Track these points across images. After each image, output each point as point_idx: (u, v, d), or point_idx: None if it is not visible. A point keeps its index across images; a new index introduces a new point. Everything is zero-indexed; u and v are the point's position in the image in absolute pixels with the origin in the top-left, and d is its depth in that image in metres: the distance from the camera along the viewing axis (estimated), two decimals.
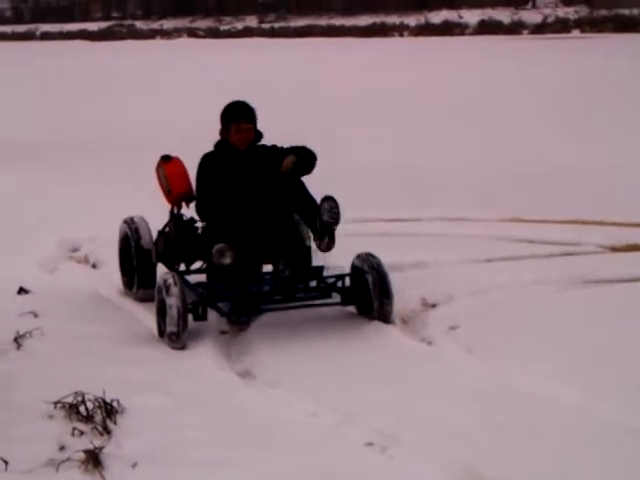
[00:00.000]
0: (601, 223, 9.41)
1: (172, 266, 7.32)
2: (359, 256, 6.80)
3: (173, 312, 6.17)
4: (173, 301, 6.19)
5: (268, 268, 6.86)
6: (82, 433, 4.84)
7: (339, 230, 9.02)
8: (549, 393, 5.33)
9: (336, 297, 6.72)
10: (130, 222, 7.52)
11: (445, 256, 8.26)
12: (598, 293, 7.35)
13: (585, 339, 6.19)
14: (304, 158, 6.83)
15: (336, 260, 6.96)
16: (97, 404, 5.04)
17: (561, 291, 7.39)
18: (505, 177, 11.98)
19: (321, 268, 6.60)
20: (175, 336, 6.17)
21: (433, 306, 7.08)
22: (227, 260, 6.47)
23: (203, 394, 5.41)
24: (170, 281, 6.31)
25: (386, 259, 6.78)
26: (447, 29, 56.58)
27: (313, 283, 6.62)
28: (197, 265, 7.38)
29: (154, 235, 7.45)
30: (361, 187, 11.36)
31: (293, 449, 4.70)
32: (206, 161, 6.93)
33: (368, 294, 6.59)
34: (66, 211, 10.34)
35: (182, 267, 7.33)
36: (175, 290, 6.23)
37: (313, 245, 6.70)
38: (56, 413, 5.05)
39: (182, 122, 18.07)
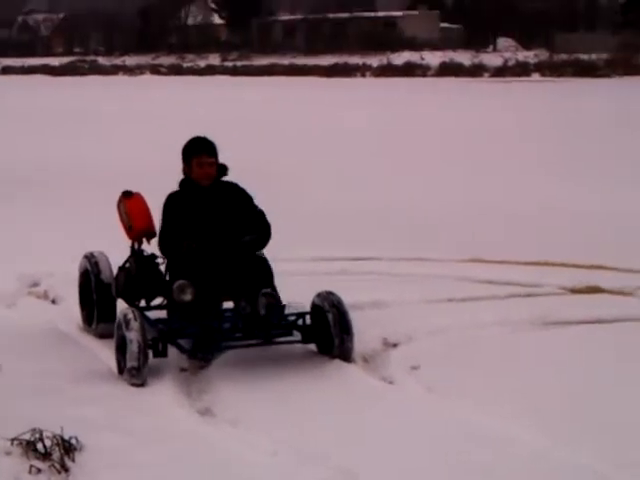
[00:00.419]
0: (562, 265, 9.46)
1: (132, 302, 7.27)
2: (319, 294, 6.78)
3: (134, 347, 6.12)
4: (133, 335, 6.14)
5: (229, 305, 6.84)
6: (39, 471, 4.78)
7: (301, 268, 9.07)
8: (506, 435, 5.32)
9: (297, 335, 6.70)
10: (90, 257, 7.48)
11: (405, 296, 8.26)
12: (558, 334, 7.37)
13: (544, 381, 6.21)
14: (260, 238, 6.85)
15: (297, 298, 6.96)
16: (55, 441, 4.97)
17: (521, 332, 7.40)
18: (468, 217, 12.05)
19: (282, 307, 6.58)
20: (136, 371, 6.12)
21: (394, 345, 7.07)
22: (187, 296, 6.45)
23: (163, 432, 5.36)
24: (130, 316, 6.27)
25: (346, 298, 6.77)
26: (409, 70, 57.07)
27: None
28: (157, 301, 7.35)
29: (114, 270, 7.41)
30: (322, 225, 11.40)
31: None
32: (171, 200, 6.92)
33: (329, 331, 6.57)
34: (25, 246, 10.28)
35: (142, 303, 7.30)
36: (135, 325, 6.19)
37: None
38: (13, 450, 4.97)
39: (145, 158, 18.07)
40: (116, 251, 7.59)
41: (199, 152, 6.91)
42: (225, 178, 7.07)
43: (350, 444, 5.21)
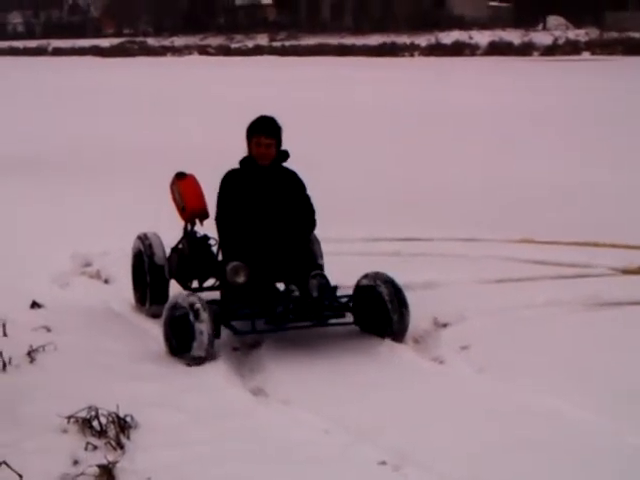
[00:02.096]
0: (613, 246, 9.41)
1: (185, 283, 7.34)
2: (366, 275, 6.79)
3: (204, 338, 6.15)
4: (204, 327, 6.16)
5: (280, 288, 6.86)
6: (95, 448, 4.85)
7: (350, 249, 9.09)
8: (558, 413, 5.33)
9: (349, 317, 6.71)
10: (144, 238, 7.55)
11: (456, 276, 8.27)
12: (609, 315, 7.35)
13: (597, 360, 6.20)
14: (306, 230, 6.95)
15: (347, 279, 6.98)
16: (110, 419, 5.06)
17: (572, 313, 7.38)
18: (517, 198, 12.01)
19: (334, 288, 6.60)
20: (202, 360, 6.18)
21: (444, 326, 7.08)
22: (241, 278, 6.49)
23: (216, 410, 5.42)
24: (198, 305, 6.23)
25: (397, 279, 6.78)
26: (458, 49, 56.65)
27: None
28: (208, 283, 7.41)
29: (167, 252, 7.48)
30: (373, 206, 11.41)
31: (305, 467, 4.71)
32: (229, 177, 6.93)
33: (385, 308, 6.55)
34: (79, 225, 10.40)
35: (195, 284, 7.36)
36: (205, 316, 6.18)
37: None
38: (69, 427, 5.07)
39: (196, 139, 18.16)
40: (169, 232, 7.67)
41: (259, 132, 6.89)
42: (285, 164, 7.07)
43: (401, 423, 5.23)
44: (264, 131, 6.91)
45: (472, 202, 11.81)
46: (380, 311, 6.60)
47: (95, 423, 5.04)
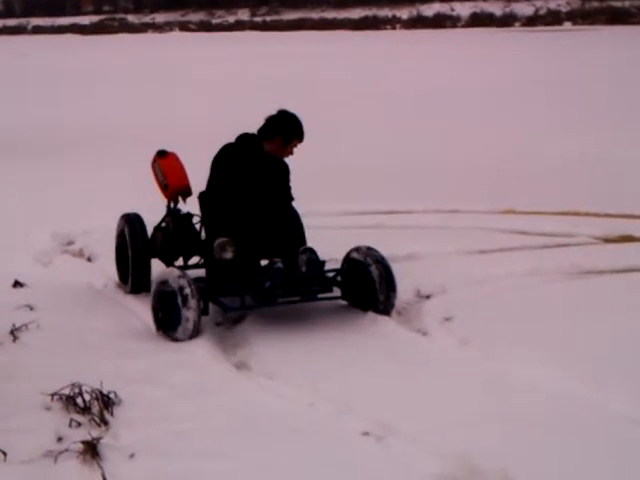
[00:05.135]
0: (595, 215, 9.45)
1: (169, 261, 7.33)
2: (357, 249, 6.78)
3: (189, 325, 6.14)
4: (190, 314, 6.13)
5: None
6: (79, 424, 4.86)
7: (333, 222, 9.10)
8: (545, 383, 5.33)
9: (335, 291, 6.72)
10: (126, 218, 7.53)
11: (439, 248, 8.30)
12: (593, 283, 7.39)
13: (581, 329, 6.22)
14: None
15: (331, 252, 6.99)
16: (94, 396, 5.05)
17: (554, 282, 7.41)
18: (498, 170, 12.03)
19: (322, 262, 6.59)
20: (184, 343, 6.15)
21: (427, 297, 7.10)
22: (228, 254, 6.48)
23: (199, 385, 5.42)
24: (187, 291, 6.16)
25: (379, 251, 6.79)
26: (439, 21, 56.61)
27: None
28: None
29: (150, 231, 7.47)
30: (355, 180, 11.41)
31: (289, 438, 4.72)
32: (225, 152, 6.84)
33: (373, 287, 6.57)
34: (60, 205, 10.38)
35: (179, 262, 7.35)
36: (193, 303, 6.14)
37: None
38: (53, 405, 5.07)
39: (177, 116, 18.10)
40: (151, 211, 7.66)
41: (298, 137, 6.82)
42: None
43: (384, 395, 5.24)
44: (301, 136, 6.84)
45: (454, 174, 11.82)
46: (367, 289, 6.61)
47: (79, 400, 5.03)
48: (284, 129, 6.82)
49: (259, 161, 6.82)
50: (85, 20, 76.18)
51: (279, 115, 6.88)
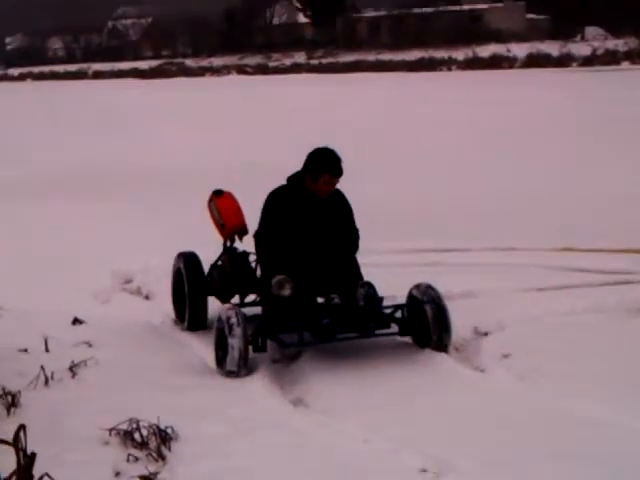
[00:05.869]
0: None
1: (226, 299, 7.36)
2: (418, 286, 6.75)
3: (235, 353, 6.17)
4: (236, 343, 6.18)
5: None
6: (137, 459, 4.87)
7: (393, 260, 9.09)
8: (604, 420, 5.27)
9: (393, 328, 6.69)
10: (183, 256, 7.58)
11: (496, 285, 8.23)
12: None
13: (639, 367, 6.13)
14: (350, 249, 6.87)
15: (390, 289, 6.97)
16: (151, 431, 5.07)
17: (615, 319, 7.31)
18: (558, 207, 11.95)
19: (381, 298, 6.58)
20: (234, 374, 6.18)
21: (485, 334, 7.05)
22: (286, 291, 6.49)
23: (256, 421, 5.41)
24: (233, 320, 6.25)
25: (438, 288, 6.76)
26: (495, 62, 56.49)
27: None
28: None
29: (206, 269, 7.51)
30: (414, 218, 11.39)
31: (347, 474, 4.69)
32: (276, 195, 6.84)
33: (427, 326, 6.55)
34: (121, 241, 10.47)
35: (235, 300, 7.37)
36: (238, 331, 6.20)
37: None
38: (111, 440, 5.09)
39: (231, 157, 18.20)
40: (207, 249, 7.70)
41: (330, 172, 6.74)
42: None
43: (442, 431, 5.20)
44: (334, 172, 6.76)
45: (512, 212, 11.76)
46: (423, 327, 6.59)
47: (136, 435, 5.05)
48: (310, 166, 6.81)
49: (312, 204, 6.83)
50: (144, 65, 77.18)
51: (310, 153, 6.89)
